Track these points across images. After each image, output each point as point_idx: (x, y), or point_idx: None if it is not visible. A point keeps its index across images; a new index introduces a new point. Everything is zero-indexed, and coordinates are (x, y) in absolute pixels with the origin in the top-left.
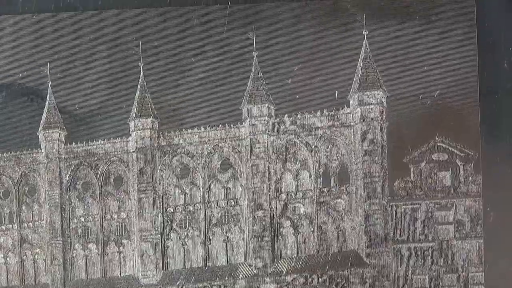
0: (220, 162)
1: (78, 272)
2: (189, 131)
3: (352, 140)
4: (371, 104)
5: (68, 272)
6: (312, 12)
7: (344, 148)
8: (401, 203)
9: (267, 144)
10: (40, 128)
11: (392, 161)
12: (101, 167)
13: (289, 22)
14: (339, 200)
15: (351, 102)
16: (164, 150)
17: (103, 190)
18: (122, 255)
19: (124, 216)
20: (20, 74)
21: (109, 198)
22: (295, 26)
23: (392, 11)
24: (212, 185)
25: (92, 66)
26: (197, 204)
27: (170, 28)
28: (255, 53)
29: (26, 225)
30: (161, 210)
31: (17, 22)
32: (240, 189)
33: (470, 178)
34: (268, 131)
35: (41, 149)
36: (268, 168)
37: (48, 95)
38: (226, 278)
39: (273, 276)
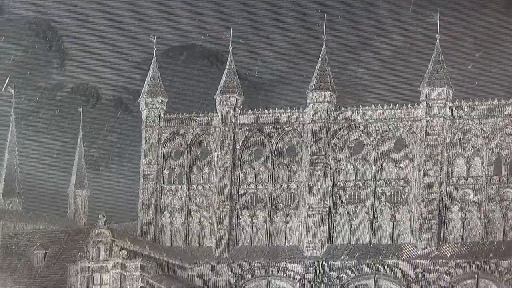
0: (394, 141)
1: (243, 238)
2: (366, 107)
3: None
4: None
5: (232, 237)
6: (499, 0)
7: None
8: None
9: (443, 128)
10: (218, 92)
11: None
12: (275, 135)
13: (475, 8)
14: (508, 190)
15: None
16: (340, 125)
17: (275, 159)
18: (288, 225)
19: (294, 187)
20: (203, 37)
21: (280, 168)
22: (480, 12)
23: None
24: (384, 164)
25: (275, 35)
26: (368, 181)
27: (355, 3)
28: (438, 36)
29: (195, 187)
30: (331, 184)
31: None
32: (412, 170)
33: None
34: (445, 115)
35: (217, 112)
36: (441, 151)
37: (229, 60)
38: (390, 257)
39: (437, 259)
